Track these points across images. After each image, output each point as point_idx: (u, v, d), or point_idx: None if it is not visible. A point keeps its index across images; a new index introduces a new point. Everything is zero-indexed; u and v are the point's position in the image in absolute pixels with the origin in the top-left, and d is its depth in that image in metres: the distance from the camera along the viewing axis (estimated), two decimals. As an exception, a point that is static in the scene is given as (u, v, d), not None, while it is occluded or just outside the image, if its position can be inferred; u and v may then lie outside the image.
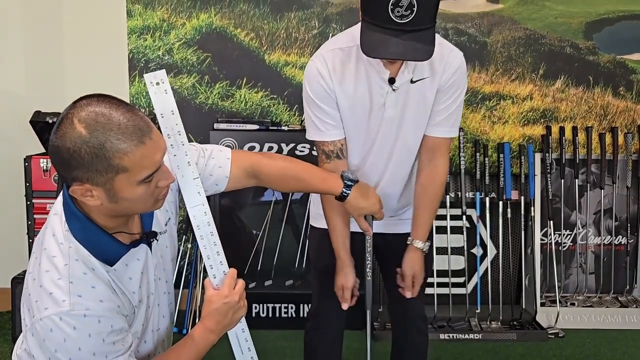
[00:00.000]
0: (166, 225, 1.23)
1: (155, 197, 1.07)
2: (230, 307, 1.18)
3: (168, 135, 1.20)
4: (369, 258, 1.57)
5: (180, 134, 1.21)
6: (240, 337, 1.27)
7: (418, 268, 1.66)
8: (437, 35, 1.44)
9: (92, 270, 1.04)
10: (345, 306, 1.70)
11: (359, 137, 1.60)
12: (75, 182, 1.00)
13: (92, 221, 1.06)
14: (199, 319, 1.21)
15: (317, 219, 1.77)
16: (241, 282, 1.21)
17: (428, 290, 2.03)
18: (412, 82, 1.52)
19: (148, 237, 1.14)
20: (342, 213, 1.60)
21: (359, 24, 1.42)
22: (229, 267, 1.22)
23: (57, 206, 1.10)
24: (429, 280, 2.02)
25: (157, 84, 1.21)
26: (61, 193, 1.10)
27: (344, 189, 1.37)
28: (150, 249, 1.16)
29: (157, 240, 1.18)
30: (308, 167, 1.39)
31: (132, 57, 2.82)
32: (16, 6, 2.76)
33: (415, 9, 1.29)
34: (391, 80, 1.50)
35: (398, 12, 1.30)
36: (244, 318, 1.25)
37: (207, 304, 1.17)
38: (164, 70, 1.23)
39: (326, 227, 1.71)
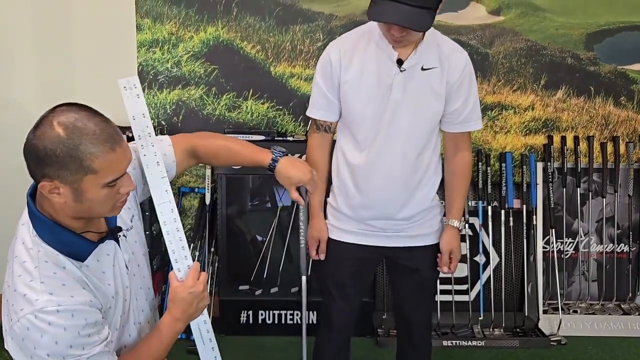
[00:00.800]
0: (131, 221, 1.30)
1: (115, 202, 1.15)
2: (195, 296, 1.27)
3: (139, 136, 1.29)
4: (303, 227, 1.65)
5: (150, 136, 1.30)
6: (202, 329, 1.34)
7: (455, 245, 1.81)
8: (444, 36, 1.70)
9: (62, 269, 1.12)
10: (322, 256, 1.85)
11: (364, 121, 1.70)
12: (45, 178, 1.08)
13: (58, 223, 1.13)
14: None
15: (331, 230, 1.86)
16: (204, 274, 1.30)
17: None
18: (422, 69, 1.65)
19: (114, 232, 1.22)
20: (323, 177, 1.79)
21: (368, 22, 1.62)
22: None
23: (24, 217, 1.18)
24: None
25: (130, 88, 1.30)
26: (25, 209, 1.18)
27: (272, 159, 1.44)
28: (119, 244, 1.23)
29: (125, 237, 1.26)
30: (241, 143, 1.47)
31: (141, 69, 2.89)
32: (27, 19, 2.83)
33: None
34: (399, 62, 1.63)
35: None
36: (206, 310, 1.33)
37: (173, 294, 1.27)
38: (137, 76, 1.33)
39: (338, 238, 1.83)
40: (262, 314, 2.85)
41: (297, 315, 2.86)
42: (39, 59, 2.87)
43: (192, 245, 2.84)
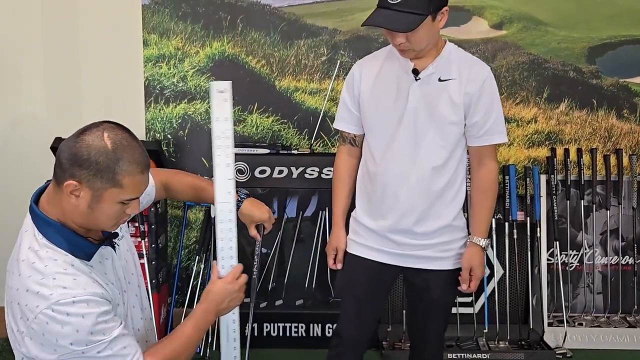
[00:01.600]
0: (120, 230, 1.37)
1: (118, 220, 1.24)
2: (229, 293, 1.35)
3: (218, 137, 1.36)
4: (257, 260, 1.72)
5: (227, 139, 1.37)
6: (230, 327, 1.43)
7: (476, 263, 1.79)
8: (466, 53, 1.77)
9: (71, 265, 1.18)
10: (338, 266, 1.91)
11: (381, 129, 1.76)
12: (73, 178, 1.16)
13: (63, 225, 1.21)
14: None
15: (350, 245, 1.89)
16: (244, 276, 1.38)
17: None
18: (440, 80, 1.69)
19: (110, 238, 1.30)
20: (347, 188, 1.89)
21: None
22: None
23: (26, 225, 1.24)
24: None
25: (221, 92, 1.38)
26: (27, 216, 1.25)
27: (238, 199, 1.52)
28: (115, 251, 1.31)
29: (118, 246, 1.33)
30: (210, 183, 1.55)
31: (147, 84, 2.93)
32: (36, 35, 2.88)
33: None
34: (415, 72, 1.69)
35: None
36: (237, 310, 1.41)
37: (210, 286, 1.35)
38: (231, 82, 1.38)
39: (356, 253, 1.87)
40: (266, 327, 2.86)
41: (302, 327, 2.87)
42: (47, 74, 2.91)
43: (197, 257, 2.86)
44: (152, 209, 2.73)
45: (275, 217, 1.63)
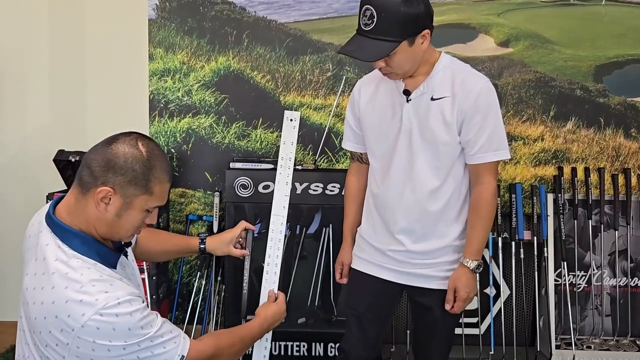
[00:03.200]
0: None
1: (137, 229, 1.28)
2: (281, 314, 1.56)
3: (282, 157, 1.59)
4: (246, 275, 1.74)
5: (290, 160, 1.60)
6: (263, 339, 1.61)
7: (461, 284, 1.72)
8: (467, 65, 1.72)
9: (104, 272, 1.21)
10: (344, 280, 1.93)
11: (378, 150, 1.76)
12: (107, 184, 1.19)
13: (86, 234, 1.23)
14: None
15: (354, 260, 1.89)
16: (283, 295, 1.59)
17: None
18: (432, 99, 1.65)
19: (122, 248, 1.33)
20: (356, 205, 1.90)
21: None
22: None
23: (44, 238, 1.23)
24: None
25: (291, 120, 1.61)
26: (44, 230, 1.24)
27: (199, 241, 1.63)
28: (127, 259, 1.36)
29: (127, 256, 1.36)
30: (173, 235, 1.73)
31: (152, 98, 2.92)
32: (43, 48, 2.89)
33: (375, 19, 1.53)
34: (406, 93, 1.68)
35: (363, 20, 1.55)
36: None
37: (273, 307, 1.54)
38: (300, 112, 1.58)
39: (359, 268, 1.86)
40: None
41: (304, 347, 2.81)
42: (53, 86, 2.92)
43: (198, 273, 2.82)
44: (154, 223, 2.70)
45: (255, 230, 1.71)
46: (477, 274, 1.76)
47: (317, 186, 2.74)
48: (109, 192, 1.19)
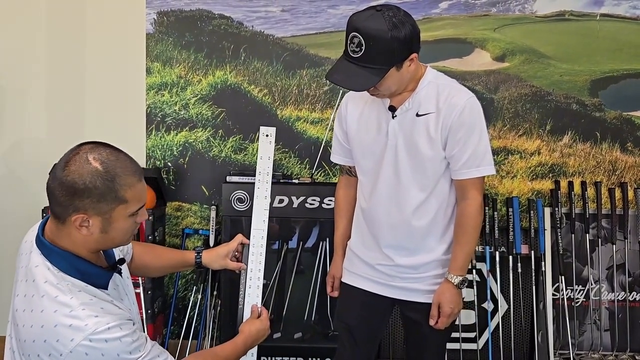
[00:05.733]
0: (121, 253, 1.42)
1: (132, 231, 1.26)
2: (265, 330, 1.53)
3: (259, 172, 1.61)
4: (242, 290, 1.69)
5: (268, 175, 1.62)
6: (248, 354, 1.58)
7: (445, 299, 1.71)
8: (452, 80, 1.70)
9: (94, 296, 1.19)
10: (335, 294, 1.92)
11: (365, 165, 1.77)
12: (78, 211, 1.15)
13: (76, 255, 1.20)
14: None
15: (344, 273, 1.89)
16: (266, 311, 1.58)
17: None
18: (417, 115, 1.65)
19: (118, 264, 1.31)
20: (346, 218, 1.89)
21: None
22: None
23: (34, 259, 1.21)
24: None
25: (267, 135, 1.64)
26: (34, 251, 1.22)
27: (195, 255, 1.62)
28: (122, 276, 1.33)
29: (121, 274, 1.33)
30: (168, 249, 1.72)
31: (149, 111, 2.93)
32: (40, 60, 2.90)
33: (363, 47, 1.51)
34: (392, 109, 1.67)
35: (351, 47, 1.53)
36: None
37: (257, 323, 1.51)
38: (275, 128, 1.64)
39: (349, 282, 1.86)
40: (264, 360, 2.77)
41: (301, 362, 2.79)
42: (51, 99, 2.92)
43: (194, 287, 2.80)
44: (150, 237, 2.69)
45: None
46: (462, 289, 1.75)
47: (314, 200, 2.73)
48: (84, 217, 1.16)
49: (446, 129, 1.63)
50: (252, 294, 1.58)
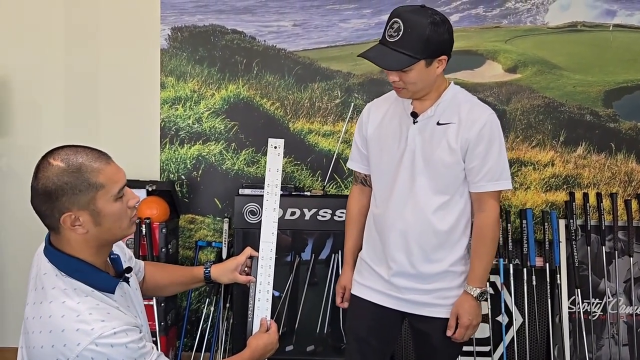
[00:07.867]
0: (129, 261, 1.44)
1: (129, 217, 1.26)
2: (273, 345, 1.52)
3: (268, 184, 1.59)
4: (251, 302, 1.68)
5: (277, 187, 1.60)
6: None
7: (463, 311, 1.71)
8: (473, 96, 1.76)
9: (101, 301, 1.20)
10: (345, 305, 1.92)
11: (382, 170, 1.78)
12: (63, 212, 1.17)
13: (82, 260, 1.22)
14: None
15: (354, 285, 1.89)
16: (275, 325, 1.56)
17: None
18: (438, 124, 1.68)
19: (125, 272, 1.33)
20: (358, 228, 1.89)
21: None
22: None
23: (43, 268, 1.24)
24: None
25: (275, 147, 1.63)
26: (43, 260, 1.25)
27: (204, 270, 1.62)
28: (129, 285, 1.34)
29: (129, 283, 1.35)
30: (178, 266, 1.74)
31: (163, 125, 2.97)
32: (58, 78, 2.96)
33: (401, 32, 1.58)
34: (414, 115, 1.71)
35: (389, 32, 1.60)
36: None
37: (265, 337, 1.50)
38: (283, 139, 1.63)
39: (359, 294, 1.85)
40: (276, 374, 2.76)
41: (313, 375, 2.77)
42: (68, 114, 2.98)
43: (207, 300, 2.81)
44: (163, 249, 2.71)
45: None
46: (482, 302, 1.74)
47: (326, 212, 2.74)
48: (70, 216, 1.18)
49: (466, 142, 1.67)
50: (262, 307, 1.57)
